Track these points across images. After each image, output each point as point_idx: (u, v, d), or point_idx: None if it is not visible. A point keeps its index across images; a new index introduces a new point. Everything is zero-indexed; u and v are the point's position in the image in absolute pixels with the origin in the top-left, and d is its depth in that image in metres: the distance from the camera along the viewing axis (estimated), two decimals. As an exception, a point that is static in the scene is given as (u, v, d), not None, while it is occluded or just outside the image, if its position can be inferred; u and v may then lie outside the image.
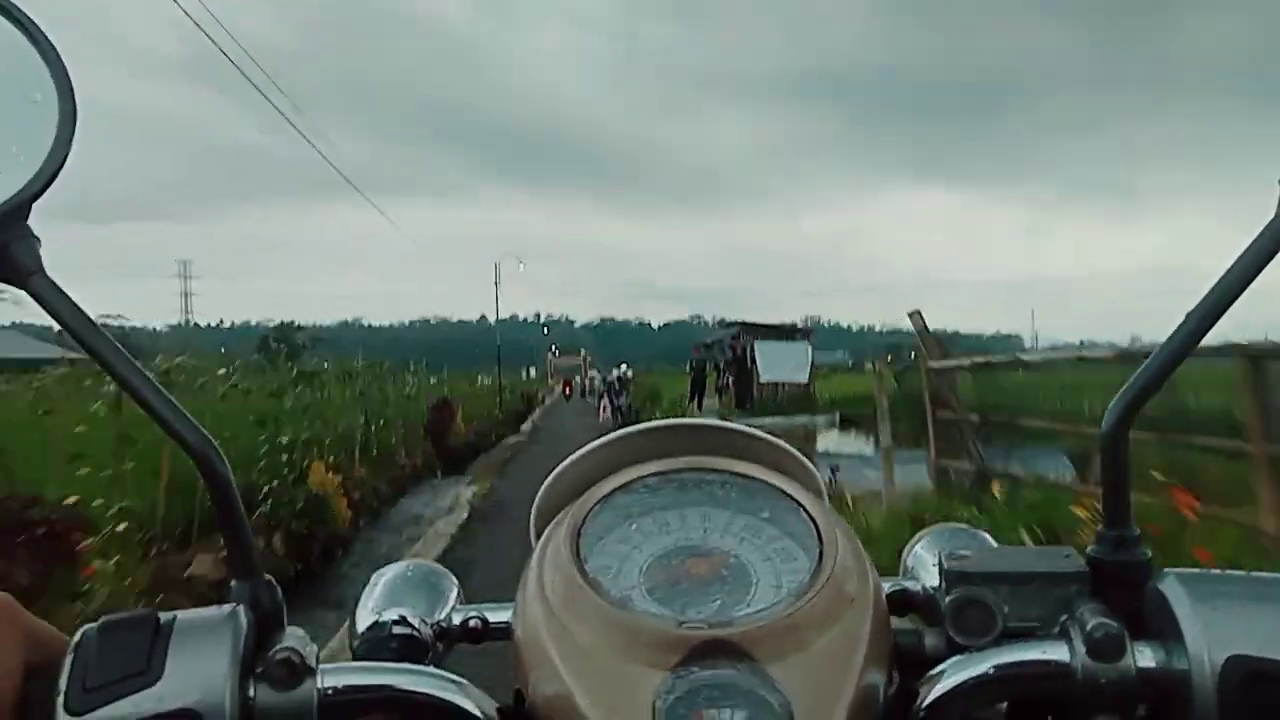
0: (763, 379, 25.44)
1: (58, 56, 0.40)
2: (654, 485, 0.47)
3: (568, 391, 60.78)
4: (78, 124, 0.39)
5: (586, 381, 62.96)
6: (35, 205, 0.39)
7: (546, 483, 0.49)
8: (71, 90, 0.40)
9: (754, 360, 25.54)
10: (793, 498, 0.46)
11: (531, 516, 0.50)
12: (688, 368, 23.35)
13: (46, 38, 0.40)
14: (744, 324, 26.63)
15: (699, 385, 24.51)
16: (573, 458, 0.49)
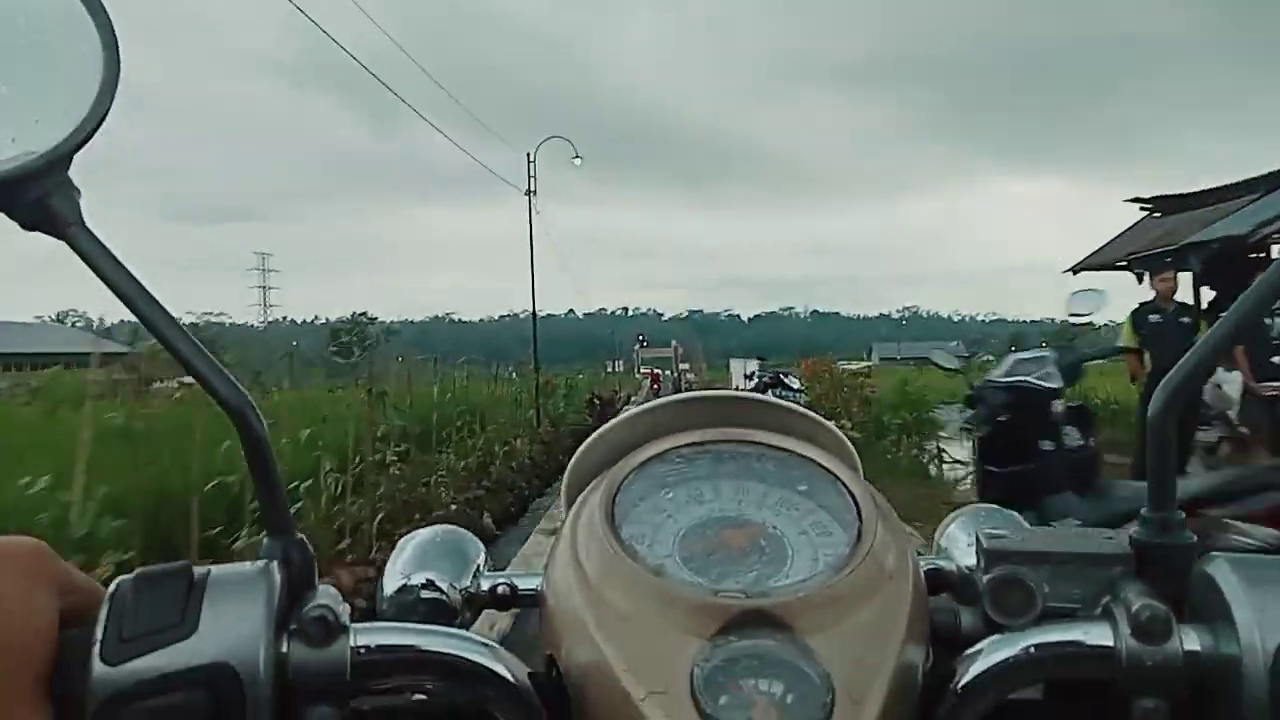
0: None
1: (103, 8, 0.40)
2: (689, 455, 0.47)
3: (656, 387, 59.20)
4: (120, 77, 0.40)
5: (678, 375, 60.14)
6: (76, 157, 0.40)
7: (580, 451, 0.50)
8: (116, 43, 0.40)
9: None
10: (830, 471, 0.46)
11: (563, 485, 0.51)
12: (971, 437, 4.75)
13: None
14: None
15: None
16: (606, 427, 0.49)
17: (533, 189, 18.01)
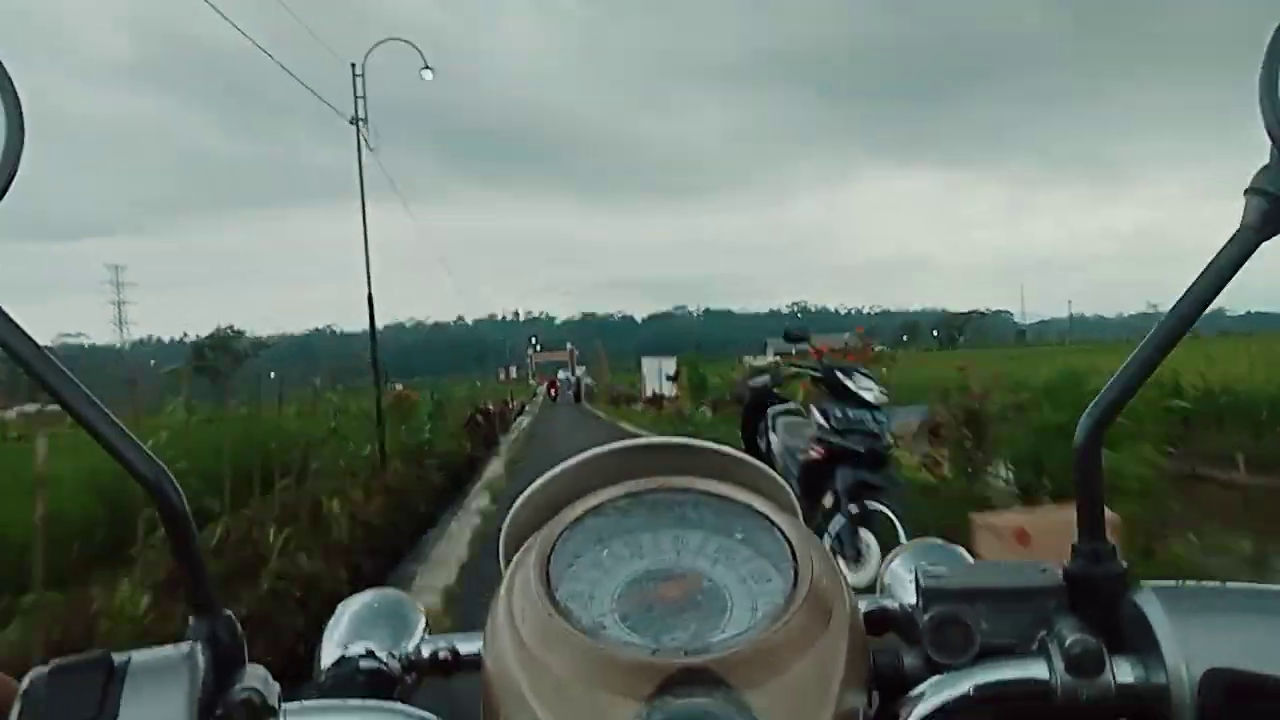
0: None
1: (5, 75, 0.40)
2: (624, 507, 0.47)
3: (553, 392, 59.07)
4: (25, 143, 0.39)
5: (576, 380, 53.83)
6: None
7: (514, 507, 0.50)
8: (19, 108, 0.39)
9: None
10: (766, 517, 0.46)
11: (500, 543, 0.50)
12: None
13: None
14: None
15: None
16: (540, 481, 0.49)
17: (362, 115, 12.72)
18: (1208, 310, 0.43)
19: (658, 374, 26.38)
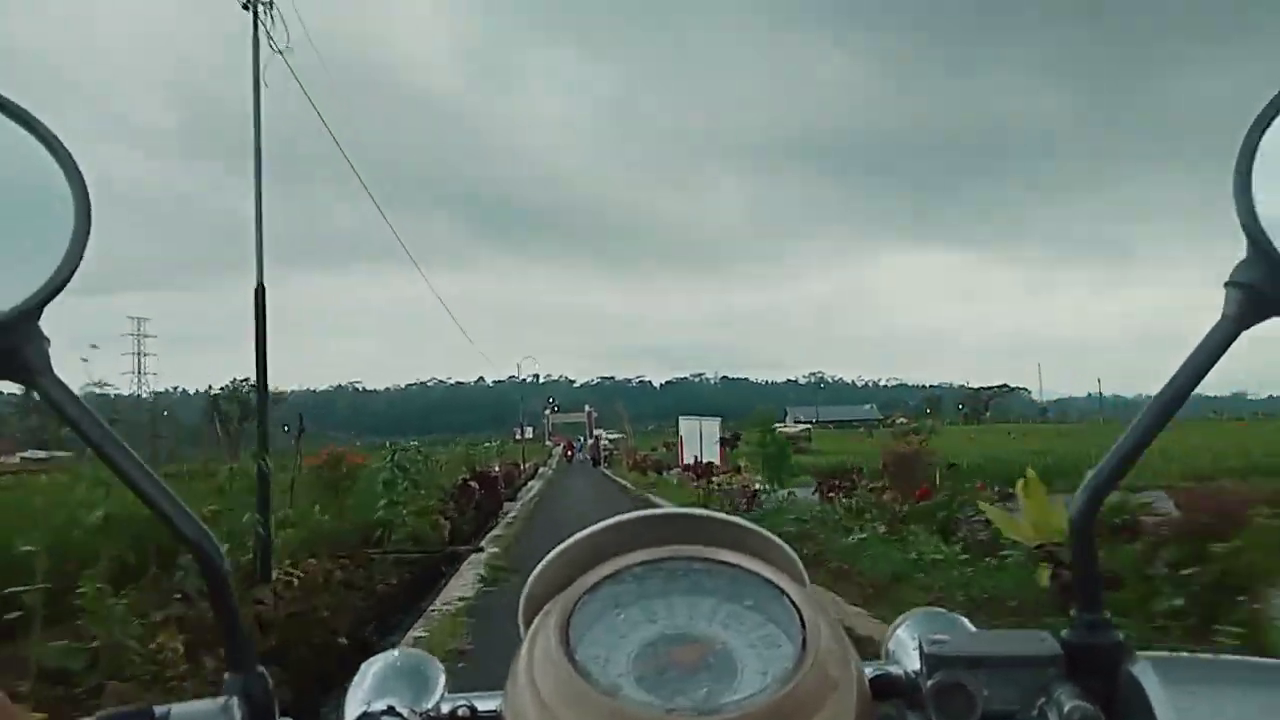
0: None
1: (74, 164, 0.42)
2: (640, 574, 0.49)
3: (570, 454, 55.39)
4: (91, 230, 0.41)
5: (594, 441, 49.10)
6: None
7: (535, 572, 0.51)
8: (87, 196, 0.42)
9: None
10: (775, 585, 0.48)
11: (520, 606, 0.51)
12: None
13: (64, 147, 0.43)
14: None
15: None
16: (560, 548, 0.51)
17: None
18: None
19: (698, 437, 22.28)
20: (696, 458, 20.45)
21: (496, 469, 22.80)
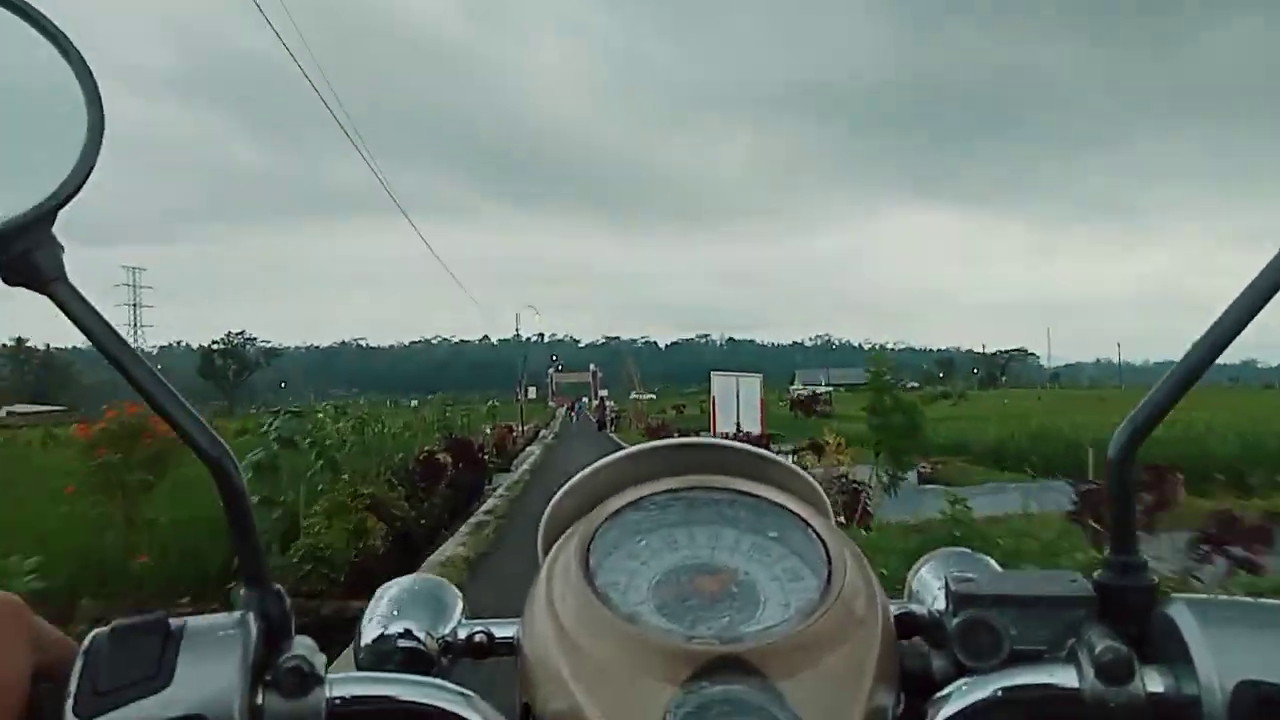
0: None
1: (86, 67, 0.42)
2: (663, 502, 0.49)
3: (573, 415, 56.79)
4: (105, 135, 0.41)
5: (600, 403, 45.04)
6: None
7: (555, 498, 0.51)
8: (100, 101, 0.42)
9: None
10: (801, 517, 0.47)
11: (539, 532, 0.51)
12: None
13: (76, 49, 0.42)
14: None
15: None
16: (582, 474, 0.50)
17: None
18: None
19: (734, 398, 16.77)
20: (737, 425, 16.07)
21: (489, 432, 20.24)
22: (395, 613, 0.52)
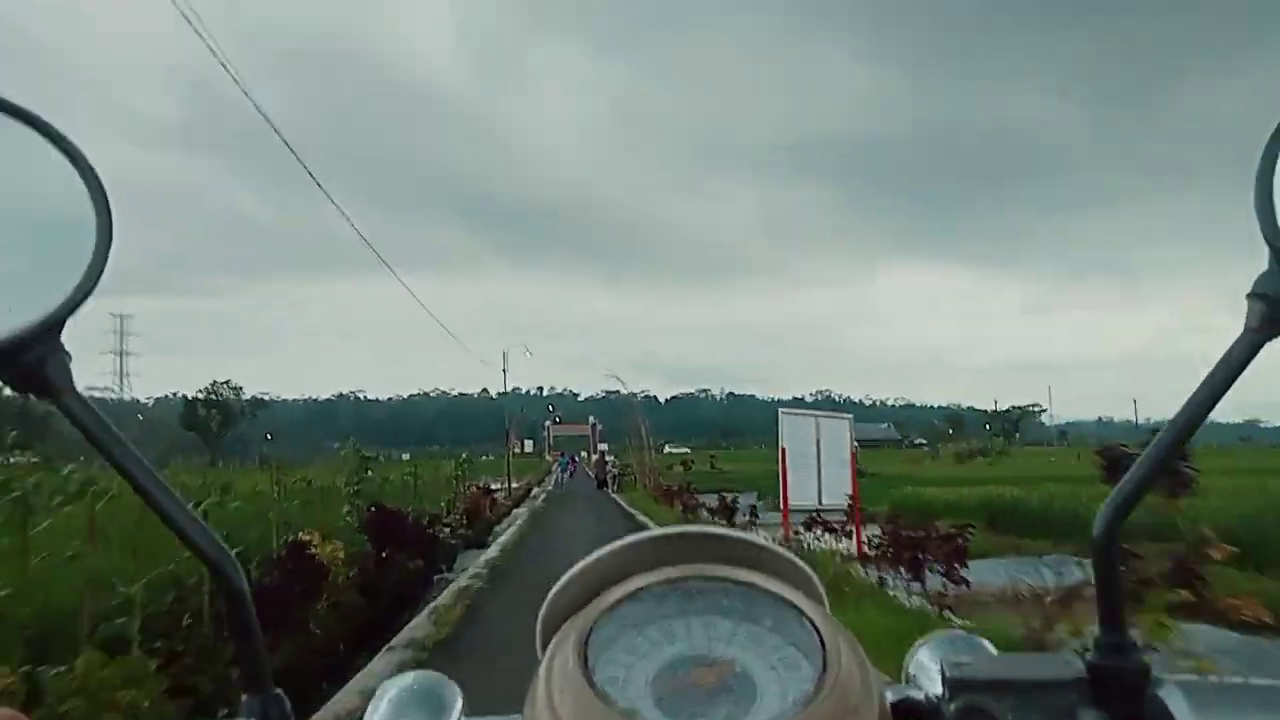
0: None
1: (97, 179, 0.43)
2: (659, 594, 0.49)
3: (571, 470, 49.88)
4: (113, 244, 0.42)
5: (599, 457, 40.59)
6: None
7: (552, 592, 0.51)
8: (109, 212, 0.43)
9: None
10: (795, 606, 0.48)
11: (538, 626, 0.52)
12: None
13: (86, 159, 0.43)
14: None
15: None
16: (578, 567, 0.51)
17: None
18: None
19: (812, 449, 11.14)
20: (819, 492, 10.83)
21: (445, 505, 15.48)
22: (395, 713, 0.52)
